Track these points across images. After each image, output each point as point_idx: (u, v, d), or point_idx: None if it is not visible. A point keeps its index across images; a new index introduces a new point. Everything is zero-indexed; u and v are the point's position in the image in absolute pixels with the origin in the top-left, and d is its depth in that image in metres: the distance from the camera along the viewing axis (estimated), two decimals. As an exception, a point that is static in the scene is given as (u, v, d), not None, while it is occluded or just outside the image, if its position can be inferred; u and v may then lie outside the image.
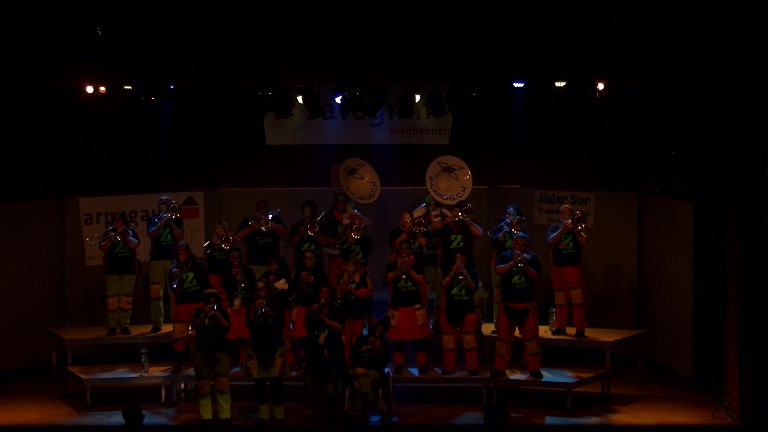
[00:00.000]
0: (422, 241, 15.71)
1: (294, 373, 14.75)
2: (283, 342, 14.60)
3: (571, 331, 15.77)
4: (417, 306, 15.17)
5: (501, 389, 15.04)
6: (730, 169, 14.36)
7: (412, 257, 15.18)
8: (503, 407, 10.90)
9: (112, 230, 15.94)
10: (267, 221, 15.92)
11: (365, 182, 16.75)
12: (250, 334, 14.51)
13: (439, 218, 15.92)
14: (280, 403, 14.43)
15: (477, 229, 15.65)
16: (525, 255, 14.83)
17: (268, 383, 14.40)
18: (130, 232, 16.00)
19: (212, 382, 14.42)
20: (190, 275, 15.27)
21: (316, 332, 14.40)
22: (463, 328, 15.09)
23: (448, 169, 16.49)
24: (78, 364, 15.91)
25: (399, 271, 15.07)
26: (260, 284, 14.57)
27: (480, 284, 15.75)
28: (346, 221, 16.09)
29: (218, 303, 14.40)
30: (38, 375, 16.49)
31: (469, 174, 16.41)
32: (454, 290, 15.02)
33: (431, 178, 16.41)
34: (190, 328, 15.39)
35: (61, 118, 17.09)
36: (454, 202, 16.11)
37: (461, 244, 15.59)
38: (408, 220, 15.74)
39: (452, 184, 16.42)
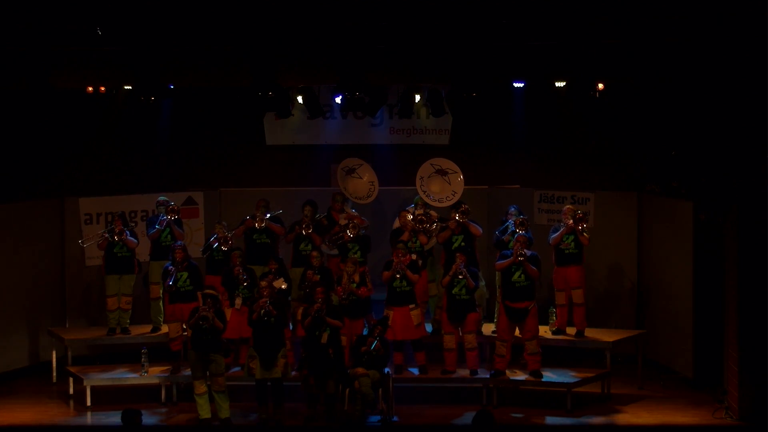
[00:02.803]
0: (423, 239, 15.71)
1: (294, 373, 14.73)
2: (285, 342, 14.60)
3: (571, 331, 15.77)
4: (411, 306, 15.17)
5: (501, 389, 15.04)
6: (730, 169, 14.37)
7: (408, 257, 15.18)
8: (488, 412, 10.71)
9: (108, 231, 15.91)
10: (261, 219, 15.92)
11: (364, 182, 16.73)
12: (252, 334, 14.50)
13: (424, 218, 15.85)
14: (281, 404, 14.42)
15: (476, 229, 15.67)
16: (525, 252, 14.84)
17: (269, 384, 14.40)
18: (127, 232, 15.97)
19: (209, 382, 14.41)
20: (184, 275, 15.26)
21: (317, 332, 14.39)
22: (465, 328, 15.08)
23: (441, 172, 16.46)
24: (78, 364, 15.91)
25: (394, 270, 15.07)
26: (263, 283, 14.56)
27: (482, 283, 15.75)
28: (342, 221, 16.09)
29: (215, 304, 14.38)
30: (38, 375, 16.49)
31: (461, 178, 16.35)
32: (455, 290, 15.01)
33: (422, 178, 16.37)
34: (184, 327, 15.40)
35: (61, 118, 17.08)
36: (442, 205, 16.10)
37: (462, 244, 15.59)
38: (410, 219, 15.73)
39: (443, 187, 16.38)
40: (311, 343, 14.43)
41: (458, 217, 15.55)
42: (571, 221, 15.53)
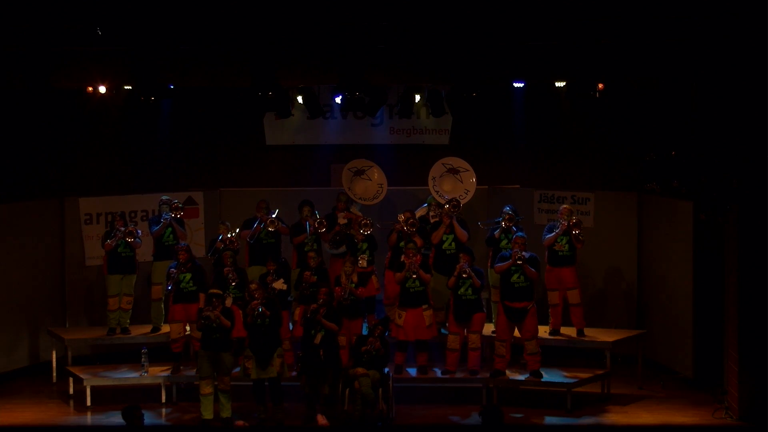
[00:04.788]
0: (419, 241, 15.69)
1: (293, 373, 14.74)
2: (282, 342, 14.60)
3: (568, 331, 15.77)
4: (424, 306, 15.15)
5: (501, 389, 15.04)
6: (730, 169, 14.36)
7: (419, 257, 15.17)
8: (498, 407, 10.85)
9: (120, 231, 15.85)
10: (273, 221, 15.93)
11: (373, 183, 16.74)
12: (248, 335, 14.50)
13: (438, 219, 15.88)
14: (280, 403, 14.43)
15: (462, 233, 15.61)
16: (524, 254, 14.84)
17: (266, 383, 14.40)
18: (138, 231, 15.97)
19: (215, 382, 14.41)
20: (188, 276, 15.27)
21: (312, 332, 14.39)
22: (470, 327, 15.08)
23: (453, 171, 16.50)
24: (78, 364, 15.91)
25: (408, 271, 15.03)
26: (253, 285, 14.53)
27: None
28: (342, 221, 16.09)
29: (221, 303, 14.38)
30: (38, 375, 16.49)
31: (474, 177, 16.41)
32: (461, 290, 14.99)
33: (434, 178, 16.41)
34: (187, 329, 15.40)
35: (60, 118, 17.08)
36: None
37: (452, 244, 15.59)
38: (401, 220, 15.72)
39: (456, 186, 16.42)
40: (306, 342, 14.44)
41: (447, 207, 15.55)
42: (565, 224, 15.52)
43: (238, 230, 16.00)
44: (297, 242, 16.06)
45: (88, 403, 15.10)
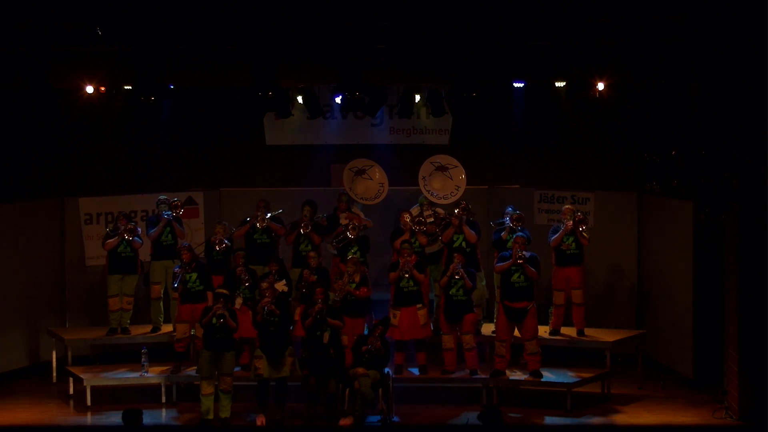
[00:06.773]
0: (423, 240, 15.72)
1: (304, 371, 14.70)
2: (292, 342, 14.59)
3: (568, 331, 15.77)
4: (419, 306, 15.16)
5: (501, 389, 15.04)
6: (730, 169, 14.38)
7: (414, 257, 15.18)
8: (497, 408, 10.87)
9: (123, 229, 15.85)
10: (263, 219, 15.93)
11: (374, 183, 16.74)
12: (259, 335, 14.48)
13: (432, 219, 15.89)
14: (283, 403, 14.42)
15: (470, 234, 15.61)
16: (524, 253, 14.85)
17: (272, 383, 14.38)
18: (138, 229, 15.98)
19: (216, 382, 14.40)
20: (194, 275, 15.25)
21: (318, 332, 14.39)
22: (462, 328, 15.08)
23: (442, 168, 16.49)
24: (78, 364, 15.91)
25: (401, 270, 15.06)
26: (264, 284, 14.57)
27: (483, 283, 15.75)
28: (343, 221, 16.10)
29: (227, 303, 14.38)
30: (38, 375, 16.49)
31: (463, 173, 16.39)
32: (452, 290, 15.00)
33: (424, 178, 16.40)
34: (192, 329, 15.39)
35: (61, 118, 17.08)
36: (448, 202, 16.11)
37: (463, 243, 15.59)
38: (408, 220, 15.75)
39: (446, 183, 16.41)
40: (312, 343, 14.43)
41: (457, 211, 15.58)
42: (571, 222, 15.53)
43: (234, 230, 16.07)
44: (289, 241, 16.09)
45: (88, 403, 15.10)
